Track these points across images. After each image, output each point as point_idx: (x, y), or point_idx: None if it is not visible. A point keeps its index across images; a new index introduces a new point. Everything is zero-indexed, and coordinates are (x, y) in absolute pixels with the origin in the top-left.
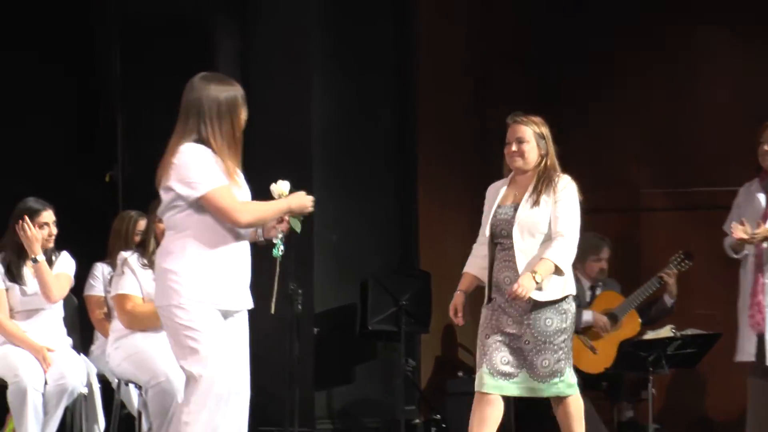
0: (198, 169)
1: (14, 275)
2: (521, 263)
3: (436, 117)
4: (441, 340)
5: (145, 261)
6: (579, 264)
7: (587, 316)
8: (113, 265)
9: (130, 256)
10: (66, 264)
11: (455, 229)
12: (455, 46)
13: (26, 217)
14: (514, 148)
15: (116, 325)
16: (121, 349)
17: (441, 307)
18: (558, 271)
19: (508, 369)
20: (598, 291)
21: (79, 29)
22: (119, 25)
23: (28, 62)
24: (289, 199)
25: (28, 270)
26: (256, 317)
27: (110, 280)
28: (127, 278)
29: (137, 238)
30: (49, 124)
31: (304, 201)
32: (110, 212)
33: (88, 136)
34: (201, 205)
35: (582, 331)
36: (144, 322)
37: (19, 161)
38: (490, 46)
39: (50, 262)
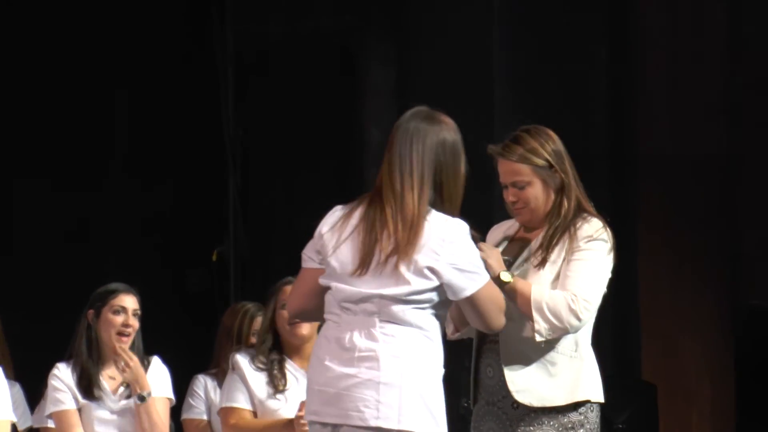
0: (476, 254)
1: (89, 390)
2: (505, 355)
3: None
4: None
5: (262, 361)
6: None
7: None
8: (220, 378)
9: (242, 358)
10: (159, 378)
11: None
12: None
13: (123, 341)
14: (512, 197)
15: None
16: None
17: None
18: (539, 310)
19: None
20: None
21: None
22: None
23: None
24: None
25: (105, 382)
26: None
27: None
28: (236, 386)
29: (253, 339)
30: None
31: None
32: (218, 303)
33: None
34: (446, 303)
35: None
36: None
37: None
38: None
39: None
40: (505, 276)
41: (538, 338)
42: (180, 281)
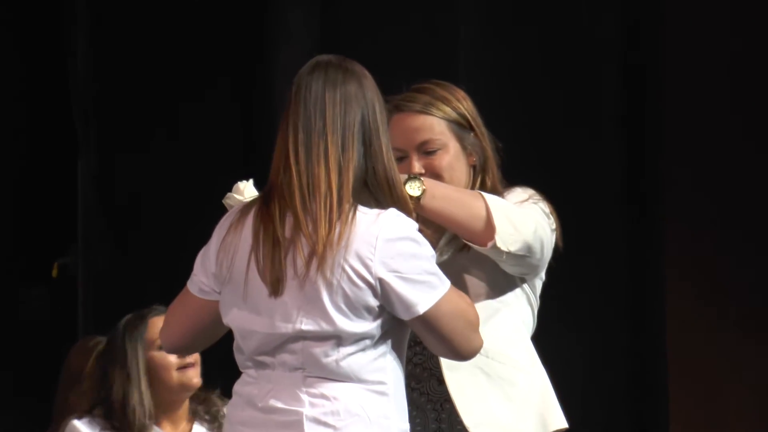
0: (426, 257)
1: None
2: (449, 373)
3: None
4: None
5: (115, 426)
6: None
7: None
8: None
9: (83, 425)
10: None
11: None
12: None
13: None
14: (416, 167)
15: None
16: None
17: None
18: (496, 205)
19: None
20: None
21: None
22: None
23: None
24: None
25: None
26: None
27: None
28: None
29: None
30: None
31: None
32: (61, 335)
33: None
34: (399, 332)
35: None
36: None
37: None
38: None
39: None
40: (411, 186)
41: (500, 245)
42: (11, 306)
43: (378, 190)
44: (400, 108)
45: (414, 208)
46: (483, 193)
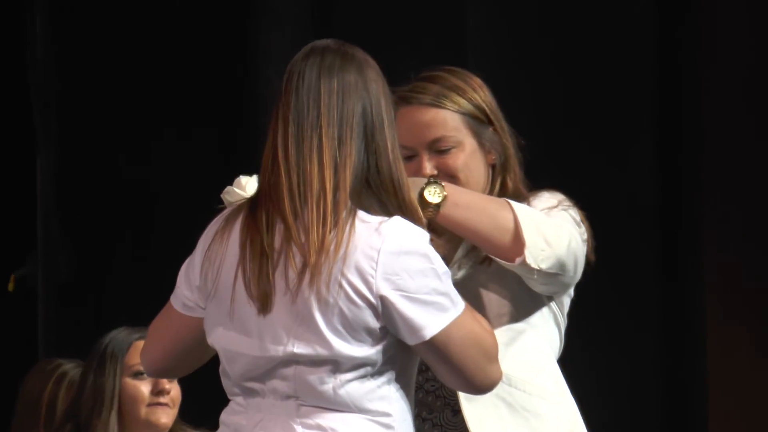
0: (439, 274)
1: None
2: (467, 405)
3: None
4: None
5: None
6: None
7: None
8: None
9: None
10: None
11: None
12: None
13: None
14: (428, 168)
15: None
16: None
17: None
18: (526, 216)
19: None
20: None
21: None
22: None
23: None
24: None
25: None
26: None
27: None
28: None
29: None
30: None
31: None
32: (19, 357)
33: None
34: (405, 357)
35: None
36: None
37: None
38: None
39: None
40: (432, 191)
41: (530, 262)
42: None
43: (382, 192)
44: (408, 100)
45: (434, 217)
46: (510, 201)
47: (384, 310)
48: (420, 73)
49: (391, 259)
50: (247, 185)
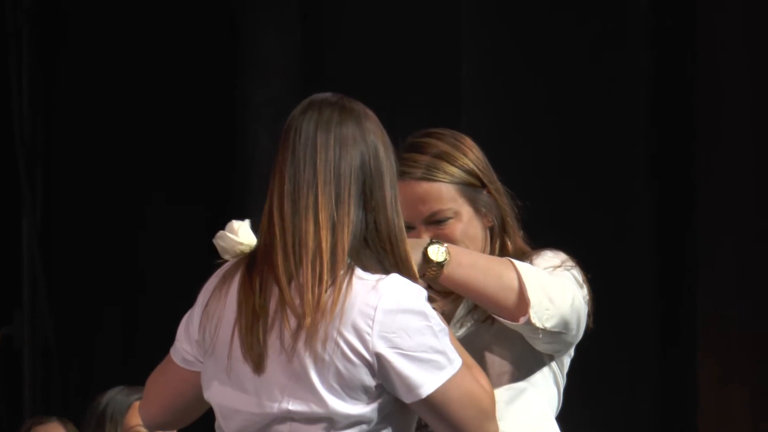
0: (435, 332)
1: None
2: None
3: None
4: None
5: None
6: None
7: None
8: None
9: None
10: None
11: None
12: None
13: None
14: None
15: None
16: None
17: None
18: (530, 276)
19: None
20: None
21: None
22: None
23: None
24: None
25: None
26: None
27: None
28: None
29: None
30: None
31: None
32: (4, 417)
33: None
34: (402, 417)
35: None
36: None
37: None
38: None
39: None
40: (435, 251)
41: (535, 321)
42: None
43: (379, 249)
44: (399, 175)
45: (438, 277)
46: (513, 260)
47: (380, 368)
48: (408, 138)
49: (388, 317)
50: (239, 230)
